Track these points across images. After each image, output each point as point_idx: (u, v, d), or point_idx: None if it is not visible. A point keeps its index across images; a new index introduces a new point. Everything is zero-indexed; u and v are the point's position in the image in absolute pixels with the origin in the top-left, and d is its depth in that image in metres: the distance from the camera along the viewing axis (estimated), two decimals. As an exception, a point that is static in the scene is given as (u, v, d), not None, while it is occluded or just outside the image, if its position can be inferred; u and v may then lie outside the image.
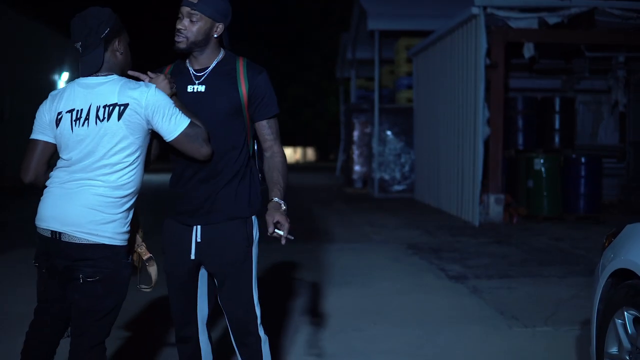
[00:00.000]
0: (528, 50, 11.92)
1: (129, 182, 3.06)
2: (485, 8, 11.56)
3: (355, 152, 18.96)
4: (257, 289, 3.36)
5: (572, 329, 5.42)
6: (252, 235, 3.32)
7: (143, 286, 3.37)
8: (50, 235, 3.04)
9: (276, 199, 3.21)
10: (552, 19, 11.77)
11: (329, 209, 14.41)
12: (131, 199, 3.11)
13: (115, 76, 3.09)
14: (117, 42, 3.11)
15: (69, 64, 24.04)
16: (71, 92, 3.11)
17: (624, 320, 3.48)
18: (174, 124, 3.03)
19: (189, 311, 3.41)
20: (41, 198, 3.13)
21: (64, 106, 3.09)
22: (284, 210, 3.19)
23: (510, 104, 13.27)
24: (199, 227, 3.30)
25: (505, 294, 6.61)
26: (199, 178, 3.29)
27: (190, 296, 3.41)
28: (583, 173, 12.15)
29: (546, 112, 13.76)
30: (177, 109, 3.07)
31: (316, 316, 5.78)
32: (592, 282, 3.98)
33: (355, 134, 18.89)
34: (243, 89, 3.24)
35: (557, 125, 13.75)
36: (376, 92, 17.38)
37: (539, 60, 14.00)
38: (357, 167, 19.05)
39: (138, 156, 3.08)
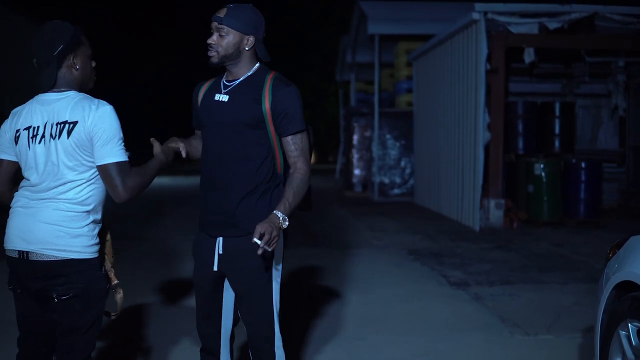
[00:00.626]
0: (528, 55, 11.95)
1: (88, 198, 3.03)
2: (485, 13, 11.58)
3: (355, 156, 18.96)
4: (278, 307, 3.35)
5: (574, 337, 5.44)
6: (272, 251, 3.30)
7: (110, 312, 3.35)
8: (18, 256, 3.02)
9: (276, 212, 3.15)
10: (552, 24, 11.79)
11: (329, 213, 14.42)
12: (95, 212, 3.07)
13: (72, 92, 3.05)
14: (72, 58, 3.06)
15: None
16: (30, 109, 3.08)
17: (628, 331, 3.50)
18: (105, 151, 2.97)
19: (212, 323, 3.43)
20: (7, 219, 3.11)
21: (22, 123, 3.06)
22: (279, 224, 3.10)
23: (511, 108, 13.29)
24: (221, 239, 3.32)
25: (506, 300, 6.63)
26: (214, 185, 3.32)
27: (214, 308, 3.42)
28: (583, 178, 12.17)
29: (546, 117, 13.78)
30: (119, 140, 3.00)
31: (318, 323, 5.79)
32: (596, 292, 3.99)
33: (355, 137, 18.90)
34: (266, 102, 3.23)
35: (557, 130, 13.77)
36: (376, 96, 17.40)
37: (539, 65, 14.03)
38: (356, 171, 19.05)
39: (94, 172, 3.03)
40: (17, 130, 3.07)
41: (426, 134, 15.47)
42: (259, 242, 2.99)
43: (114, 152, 2.98)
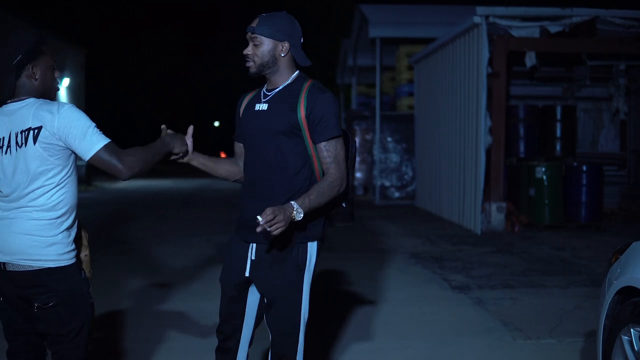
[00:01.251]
0: (530, 59, 11.97)
1: (59, 202, 3.02)
2: (487, 17, 11.61)
3: (356, 159, 18.97)
4: (306, 316, 3.34)
5: (576, 341, 5.44)
6: (305, 261, 3.31)
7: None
8: None
9: (292, 202, 3.10)
10: (553, 28, 11.82)
11: (330, 216, 14.40)
12: (68, 218, 3.07)
13: (31, 100, 3.04)
14: (31, 68, 3.05)
15: (69, 70, 24.08)
16: None
17: (630, 337, 3.51)
18: (87, 144, 2.97)
19: (234, 326, 3.43)
20: None
21: None
22: (290, 213, 3.04)
23: (512, 111, 13.31)
24: (254, 245, 3.34)
25: (508, 304, 6.63)
26: (252, 192, 3.34)
27: (237, 312, 3.43)
28: (584, 181, 12.19)
29: (547, 120, 13.80)
30: (94, 128, 3.00)
31: (318, 328, 5.79)
32: (598, 297, 4.00)
33: (357, 140, 18.90)
34: (302, 110, 3.23)
35: (558, 133, 13.79)
36: (377, 99, 17.42)
37: (540, 69, 14.05)
38: (358, 174, 19.07)
39: (64, 176, 3.03)
40: None
41: (427, 137, 15.49)
42: (260, 219, 2.95)
43: (95, 140, 2.97)
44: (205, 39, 44.05)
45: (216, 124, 59.25)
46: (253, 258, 3.33)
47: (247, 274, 3.34)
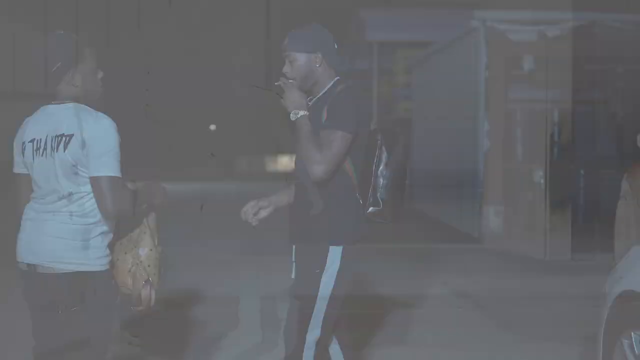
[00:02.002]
0: (527, 63, 11.97)
1: (92, 210, 2.96)
2: (485, 21, 11.61)
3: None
4: (319, 323, 3.32)
5: (577, 345, 5.43)
6: (324, 265, 3.29)
7: (135, 307, 3.24)
8: (27, 269, 3.00)
9: (306, 112, 3.26)
10: (551, 32, 11.82)
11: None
12: (102, 225, 3.00)
13: (71, 105, 2.99)
14: (71, 74, 3.01)
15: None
16: (35, 121, 3.05)
17: (631, 340, 3.51)
18: (100, 163, 2.89)
19: (296, 329, 3.38)
20: (18, 232, 3.09)
21: (27, 135, 3.04)
22: (299, 100, 3.29)
23: (510, 115, 13.30)
24: (294, 247, 3.41)
25: (508, 308, 6.63)
26: (295, 198, 3.41)
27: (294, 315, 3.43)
28: (582, 184, 12.19)
29: (545, 124, 13.79)
30: (114, 154, 2.92)
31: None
32: (599, 301, 4.01)
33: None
34: (325, 115, 3.27)
35: (556, 137, 13.78)
36: (374, 103, 17.41)
37: (538, 72, 14.04)
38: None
39: None
40: (23, 143, 3.05)
41: (425, 141, 15.48)
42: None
43: (109, 166, 2.90)
44: (204, 38, 44.05)
45: (212, 127, 59.18)
46: (293, 260, 3.41)
47: (292, 276, 3.42)
